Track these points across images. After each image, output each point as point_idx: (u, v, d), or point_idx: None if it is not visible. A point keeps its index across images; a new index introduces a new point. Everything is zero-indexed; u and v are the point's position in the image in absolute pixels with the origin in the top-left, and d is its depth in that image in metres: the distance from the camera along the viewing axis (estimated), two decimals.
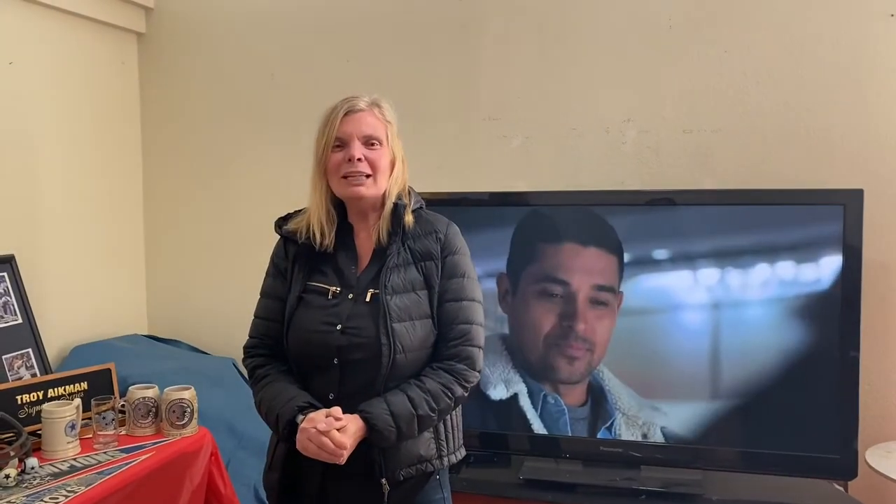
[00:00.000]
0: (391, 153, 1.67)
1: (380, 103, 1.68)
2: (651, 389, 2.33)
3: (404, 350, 1.57)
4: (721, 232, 2.28)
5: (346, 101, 1.66)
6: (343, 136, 1.62)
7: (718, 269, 2.28)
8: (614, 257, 2.34)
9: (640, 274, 2.33)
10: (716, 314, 2.29)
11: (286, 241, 1.72)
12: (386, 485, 1.56)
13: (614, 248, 2.34)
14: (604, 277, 2.34)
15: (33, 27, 2.59)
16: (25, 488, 1.78)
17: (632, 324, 2.34)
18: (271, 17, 2.96)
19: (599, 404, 2.36)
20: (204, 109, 3.06)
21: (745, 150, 2.51)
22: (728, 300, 2.28)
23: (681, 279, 2.31)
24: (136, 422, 2.17)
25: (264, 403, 1.62)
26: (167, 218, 3.13)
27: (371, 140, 1.63)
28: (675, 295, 2.32)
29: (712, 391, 2.29)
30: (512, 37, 2.72)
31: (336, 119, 1.63)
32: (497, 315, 2.41)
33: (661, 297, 2.33)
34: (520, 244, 2.43)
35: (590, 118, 2.65)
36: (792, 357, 2.22)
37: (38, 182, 2.62)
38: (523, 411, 2.41)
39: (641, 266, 2.33)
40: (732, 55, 2.52)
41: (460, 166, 2.77)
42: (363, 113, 1.64)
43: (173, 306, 3.14)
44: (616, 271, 2.34)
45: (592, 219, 2.37)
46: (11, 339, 2.38)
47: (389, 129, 1.67)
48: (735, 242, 2.28)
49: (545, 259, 2.40)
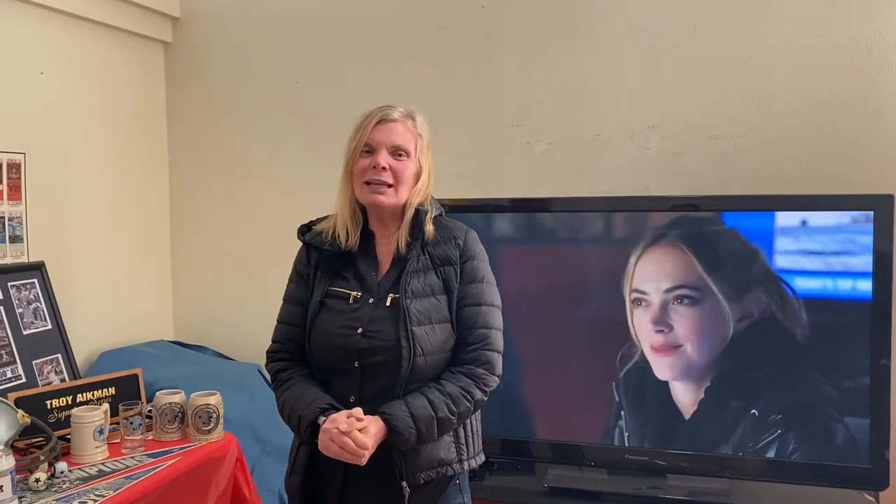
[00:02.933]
0: (417, 165, 1.68)
1: (414, 116, 1.71)
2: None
3: (424, 353, 1.59)
4: (748, 238, 2.26)
5: (381, 108, 1.69)
6: (372, 143, 1.65)
7: (747, 275, 2.25)
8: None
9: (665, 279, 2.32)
10: (744, 321, 2.26)
11: (308, 247, 1.74)
12: (406, 488, 1.57)
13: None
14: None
15: (63, 38, 2.63)
16: (55, 492, 1.80)
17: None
18: (295, 26, 2.99)
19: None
20: (229, 117, 3.09)
21: (772, 156, 2.49)
22: (757, 307, 2.25)
23: (709, 285, 2.29)
24: (162, 427, 2.19)
25: (287, 406, 1.64)
26: (193, 226, 3.17)
27: (399, 150, 1.65)
28: (702, 301, 2.30)
29: (740, 398, 2.26)
30: (535, 43, 2.71)
31: (368, 125, 1.66)
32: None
33: (688, 303, 2.31)
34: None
35: (614, 124, 2.64)
36: (822, 365, 2.19)
37: (68, 190, 2.66)
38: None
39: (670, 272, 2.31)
40: (758, 60, 2.49)
41: (484, 173, 2.77)
42: (395, 123, 1.67)
43: (199, 312, 3.17)
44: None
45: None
46: (41, 344, 2.42)
47: (419, 141, 1.69)
48: (763, 249, 2.25)
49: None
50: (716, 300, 2.26)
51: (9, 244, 2.42)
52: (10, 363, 2.30)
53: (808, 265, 2.21)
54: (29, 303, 2.41)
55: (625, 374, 2.34)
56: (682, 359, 2.30)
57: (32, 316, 2.41)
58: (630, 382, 2.33)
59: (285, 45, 3.01)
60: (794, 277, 2.21)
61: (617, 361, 2.34)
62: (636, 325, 2.33)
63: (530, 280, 2.43)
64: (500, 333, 1.68)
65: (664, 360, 2.31)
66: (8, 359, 2.29)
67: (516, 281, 2.35)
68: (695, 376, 2.29)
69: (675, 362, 2.30)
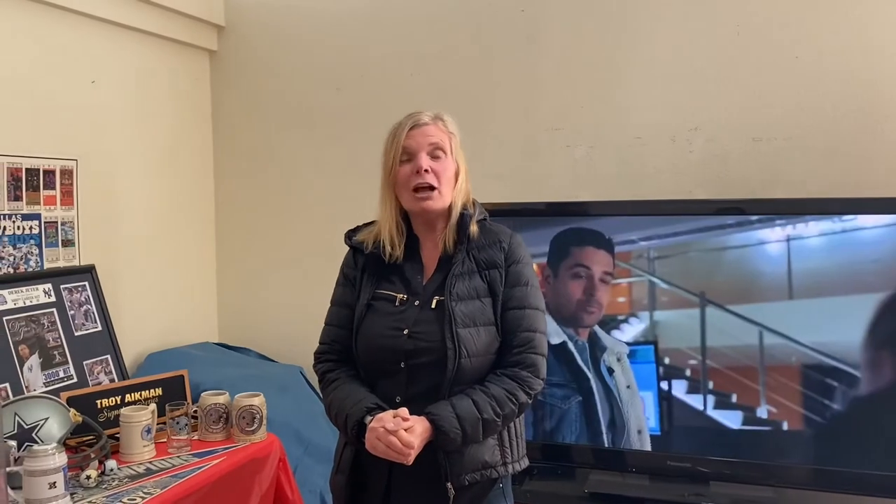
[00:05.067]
0: (455, 164, 1.71)
1: (442, 117, 1.73)
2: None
3: (469, 355, 1.60)
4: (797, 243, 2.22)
5: (409, 116, 1.71)
6: (409, 148, 1.67)
7: (799, 281, 2.21)
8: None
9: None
10: (793, 327, 2.22)
11: (355, 251, 1.77)
12: (451, 489, 1.58)
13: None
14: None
15: (113, 47, 2.71)
16: (105, 489, 1.85)
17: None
18: (336, 34, 3.03)
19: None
20: (273, 123, 3.14)
21: (819, 159, 2.44)
22: (808, 313, 2.21)
23: (761, 291, 2.26)
24: (207, 427, 2.23)
25: (334, 405, 1.66)
26: (237, 230, 3.23)
27: (437, 149, 1.67)
28: (758, 306, 2.26)
29: (792, 402, 2.22)
30: (576, 46, 2.71)
31: (402, 133, 1.68)
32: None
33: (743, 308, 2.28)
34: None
35: (655, 127, 2.62)
36: (871, 372, 2.14)
37: (117, 195, 2.73)
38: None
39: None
40: (804, 61, 2.45)
41: (523, 177, 2.77)
42: (427, 126, 1.69)
43: (243, 315, 3.22)
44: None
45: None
46: (92, 345, 2.48)
47: (453, 140, 1.71)
48: (814, 254, 2.21)
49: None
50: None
51: (62, 248, 2.49)
52: (63, 363, 2.37)
53: (861, 271, 2.15)
54: (80, 305, 2.48)
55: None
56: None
57: (83, 318, 2.48)
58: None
59: (327, 53, 3.05)
60: (845, 283, 2.17)
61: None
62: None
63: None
64: (544, 337, 1.68)
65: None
66: (61, 359, 2.36)
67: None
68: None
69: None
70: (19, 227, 2.35)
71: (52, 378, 2.31)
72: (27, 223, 2.37)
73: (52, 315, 2.38)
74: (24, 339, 2.26)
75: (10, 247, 2.31)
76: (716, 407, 2.29)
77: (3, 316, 2.22)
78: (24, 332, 2.27)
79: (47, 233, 2.44)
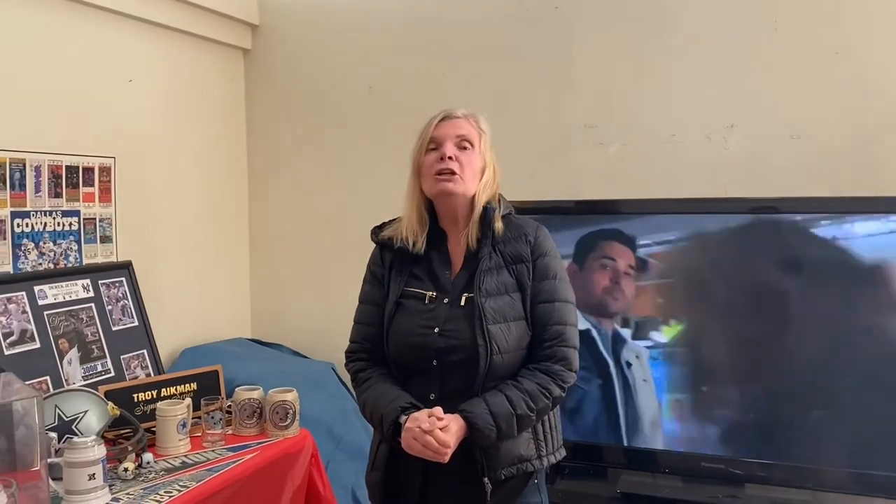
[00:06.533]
0: (482, 160, 1.70)
1: (476, 115, 1.74)
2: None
3: (500, 351, 1.60)
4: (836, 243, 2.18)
5: (444, 110, 1.73)
6: (437, 138, 1.68)
7: (837, 282, 2.17)
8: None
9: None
10: (831, 329, 2.18)
11: (382, 248, 1.77)
12: (489, 484, 1.58)
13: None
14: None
15: (150, 47, 2.75)
16: (142, 481, 1.88)
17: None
18: (368, 33, 3.04)
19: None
20: (305, 121, 3.17)
21: (859, 157, 2.39)
22: (845, 316, 2.17)
23: (797, 292, 2.22)
24: (241, 422, 2.25)
25: (368, 405, 1.67)
26: (270, 228, 3.26)
27: (463, 140, 1.68)
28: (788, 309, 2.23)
29: (826, 406, 2.18)
30: (609, 42, 2.68)
31: (432, 124, 1.70)
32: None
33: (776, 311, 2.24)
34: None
35: (690, 124, 2.59)
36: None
37: (154, 192, 2.78)
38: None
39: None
40: (844, 57, 2.40)
41: (556, 175, 2.75)
42: (458, 119, 1.71)
43: (276, 312, 3.26)
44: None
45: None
46: (128, 340, 2.53)
47: (483, 137, 1.71)
48: (853, 254, 2.17)
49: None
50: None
51: (100, 244, 2.54)
52: (101, 357, 2.41)
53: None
54: (118, 300, 2.53)
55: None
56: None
57: (121, 313, 2.53)
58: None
59: (359, 51, 3.06)
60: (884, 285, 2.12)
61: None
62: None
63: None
64: (575, 329, 1.68)
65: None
66: (99, 353, 2.40)
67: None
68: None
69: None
70: (59, 223, 2.40)
71: (90, 372, 2.36)
72: (67, 220, 2.42)
73: (90, 310, 2.42)
74: (63, 334, 2.31)
75: (50, 242, 2.36)
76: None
77: (45, 311, 2.27)
78: (64, 327, 2.32)
79: (86, 229, 2.49)
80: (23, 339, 2.19)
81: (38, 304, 2.26)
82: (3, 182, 2.21)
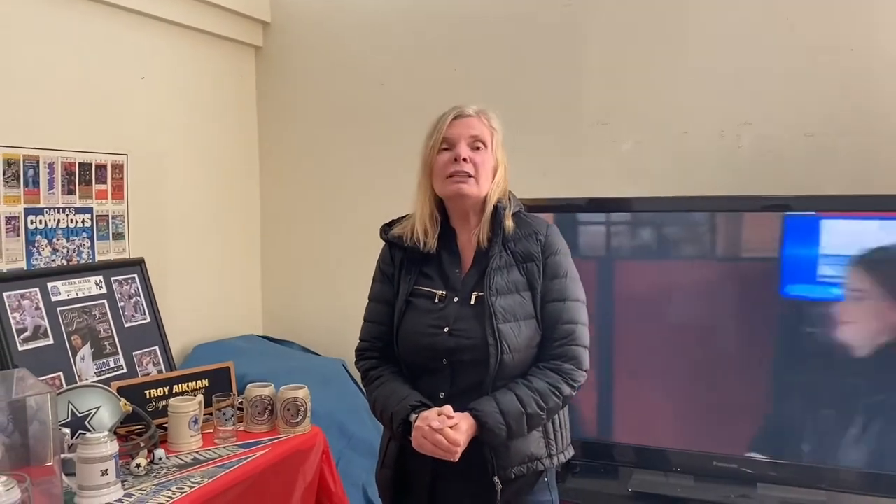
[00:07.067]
0: (494, 159, 1.70)
1: (486, 112, 1.73)
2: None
3: (511, 350, 1.59)
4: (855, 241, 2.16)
5: (454, 108, 1.72)
6: (450, 138, 1.67)
7: (854, 281, 2.15)
8: None
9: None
10: (844, 328, 2.16)
11: (391, 246, 1.77)
12: (499, 482, 1.58)
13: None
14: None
15: (162, 44, 2.76)
16: (154, 477, 1.89)
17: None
18: (380, 29, 3.03)
19: None
20: (317, 118, 3.17)
21: (875, 155, 2.36)
22: (860, 314, 2.15)
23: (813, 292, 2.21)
24: (253, 418, 2.26)
25: (378, 403, 1.67)
26: (282, 225, 3.26)
27: (477, 140, 1.67)
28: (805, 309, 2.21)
29: (840, 406, 2.17)
30: (621, 39, 2.67)
31: (444, 122, 1.69)
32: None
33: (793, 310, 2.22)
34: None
35: (703, 121, 2.57)
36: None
37: (166, 190, 2.78)
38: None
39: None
40: (859, 53, 2.38)
41: (568, 172, 2.74)
42: (470, 118, 1.69)
43: (287, 308, 3.26)
44: None
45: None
46: (141, 336, 2.54)
47: (495, 135, 1.70)
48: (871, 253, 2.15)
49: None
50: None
51: (112, 241, 2.55)
52: (113, 354, 2.42)
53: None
54: (130, 297, 2.54)
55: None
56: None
57: (133, 309, 2.54)
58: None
59: (371, 48, 3.06)
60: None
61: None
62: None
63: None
64: (585, 328, 1.67)
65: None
66: (111, 350, 2.41)
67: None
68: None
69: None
70: (72, 220, 2.41)
71: (102, 368, 2.37)
72: (80, 216, 2.43)
73: (103, 306, 2.43)
74: (76, 330, 2.32)
75: (63, 239, 2.38)
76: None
77: (58, 307, 2.28)
78: (77, 323, 2.33)
79: (98, 226, 2.50)
80: (36, 336, 2.20)
81: (52, 301, 2.27)
82: (16, 179, 2.22)
